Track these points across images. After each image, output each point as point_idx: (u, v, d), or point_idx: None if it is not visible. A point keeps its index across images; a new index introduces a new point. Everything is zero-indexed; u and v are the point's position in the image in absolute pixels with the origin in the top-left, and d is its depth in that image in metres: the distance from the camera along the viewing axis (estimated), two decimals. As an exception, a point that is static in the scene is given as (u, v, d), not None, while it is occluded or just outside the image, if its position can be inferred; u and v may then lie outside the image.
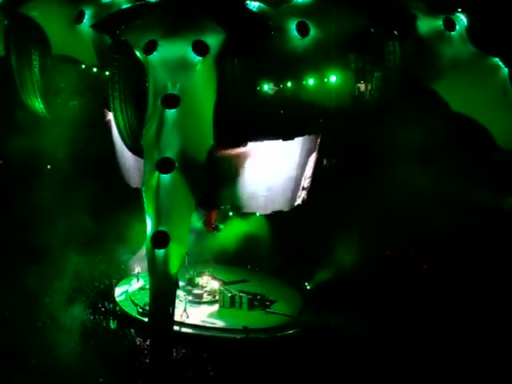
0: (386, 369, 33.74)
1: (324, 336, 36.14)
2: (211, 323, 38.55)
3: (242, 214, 40.74)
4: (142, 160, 34.24)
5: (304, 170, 39.27)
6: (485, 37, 39.38)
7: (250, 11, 36.68)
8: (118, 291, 41.85)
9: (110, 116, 38.31)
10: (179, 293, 37.54)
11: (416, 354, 34.32)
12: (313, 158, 39.59)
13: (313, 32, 36.27)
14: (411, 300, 38.55)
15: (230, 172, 37.72)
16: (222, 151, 36.19)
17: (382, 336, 35.45)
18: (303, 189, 39.79)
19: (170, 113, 33.45)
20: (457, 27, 38.74)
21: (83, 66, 41.27)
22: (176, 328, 35.63)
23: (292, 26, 36.13)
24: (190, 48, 33.79)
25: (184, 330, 37.61)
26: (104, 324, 38.22)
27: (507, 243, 40.33)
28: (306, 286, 41.85)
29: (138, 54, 34.74)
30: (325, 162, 41.10)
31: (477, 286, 37.96)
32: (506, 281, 38.72)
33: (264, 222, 42.38)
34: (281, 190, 38.82)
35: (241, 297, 40.41)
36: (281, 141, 37.14)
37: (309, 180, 39.88)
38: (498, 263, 39.65)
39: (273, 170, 37.90)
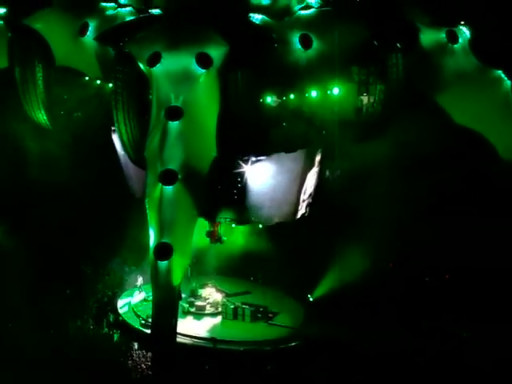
0: (388, 381, 33.63)
1: (326, 348, 36.07)
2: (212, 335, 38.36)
3: (245, 225, 40.74)
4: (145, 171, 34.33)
5: (306, 181, 39.21)
6: (488, 49, 39.42)
7: (254, 24, 36.81)
8: (121, 303, 41.79)
9: (114, 127, 38.43)
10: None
11: (420, 366, 34.17)
12: (315, 169, 39.57)
13: (316, 44, 36.39)
14: (415, 312, 38.42)
15: (232, 183, 37.78)
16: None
17: (384, 348, 35.34)
18: (305, 201, 39.69)
19: (174, 125, 33.60)
20: (459, 40, 38.83)
21: (87, 78, 41.48)
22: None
23: (295, 39, 36.26)
24: (194, 60, 33.94)
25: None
26: (106, 335, 38.18)
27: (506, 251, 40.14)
28: (308, 298, 41.76)
29: (141, 66, 34.87)
30: (327, 173, 41.11)
31: (478, 296, 37.98)
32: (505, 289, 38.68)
33: (267, 233, 42.32)
34: (283, 202, 38.76)
35: (243, 309, 40.31)
36: (283, 153, 37.22)
37: (311, 192, 39.85)
38: (498, 271, 39.54)
39: (275, 181, 37.88)
